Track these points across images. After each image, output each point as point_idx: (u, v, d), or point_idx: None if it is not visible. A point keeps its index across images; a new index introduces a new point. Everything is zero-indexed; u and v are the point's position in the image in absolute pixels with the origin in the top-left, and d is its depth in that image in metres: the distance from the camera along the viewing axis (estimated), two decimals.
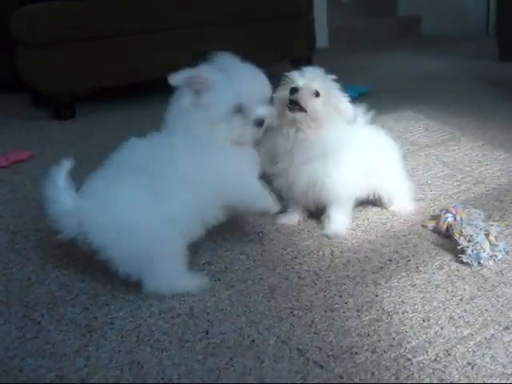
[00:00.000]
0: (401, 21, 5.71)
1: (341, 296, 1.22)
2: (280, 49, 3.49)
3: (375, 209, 1.64)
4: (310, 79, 1.47)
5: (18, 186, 2.04)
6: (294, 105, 1.44)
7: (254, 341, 1.09)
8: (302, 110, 1.44)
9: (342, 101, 1.49)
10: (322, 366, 1.01)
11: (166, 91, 1.34)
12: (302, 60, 3.58)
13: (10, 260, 1.49)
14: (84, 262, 1.41)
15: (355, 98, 2.92)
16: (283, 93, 1.47)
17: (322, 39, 4.72)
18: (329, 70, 1.52)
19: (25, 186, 2.04)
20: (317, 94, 1.45)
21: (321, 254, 1.41)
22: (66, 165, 1.25)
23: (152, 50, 3.15)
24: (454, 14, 5.30)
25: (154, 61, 3.15)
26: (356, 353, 1.04)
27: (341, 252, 1.42)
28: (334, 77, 1.51)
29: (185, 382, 0.99)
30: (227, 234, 1.53)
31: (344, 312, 1.17)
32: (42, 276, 1.39)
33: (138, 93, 3.49)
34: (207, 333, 1.13)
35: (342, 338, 1.09)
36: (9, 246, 1.57)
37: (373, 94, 3.06)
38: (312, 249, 1.44)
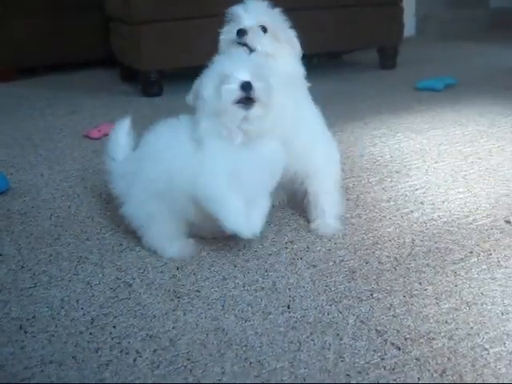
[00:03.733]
0: (493, 12, 5.53)
1: (420, 283, 1.25)
2: (366, 36, 3.47)
3: (458, 201, 1.64)
4: (255, 15, 1.36)
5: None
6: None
7: (333, 318, 1.13)
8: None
9: (291, 34, 1.41)
10: (399, 348, 1.04)
11: None
12: (389, 49, 3.56)
13: (102, 226, 1.58)
14: None
15: (441, 90, 2.91)
16: (230, 35, 1.38)
17: (409, 28, 4.65)
18: (415, 60, 1.52)
19: None
20: (264, 30, 1.36)
21: (401, 241, 1.43)
22: (126, 123, 1.44)
23: None
24: None
25: None
26: (433, 338, 1.06)
27: (421, 241, 1.43)
28: (279, 9, 1.43)
29: (267, 350, 1.05)
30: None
31: (423, 299, 1.19)
32: (133, 243, 1.47)
33: None
34: (289, 307, 1.18)
35: (420, 323, 1.11)
36: (101, 213, 1.66)
37: (460, 86, 3.01)
38: (393, 236, 1.46)
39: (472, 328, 1.09)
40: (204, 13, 3.09)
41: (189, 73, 3.60)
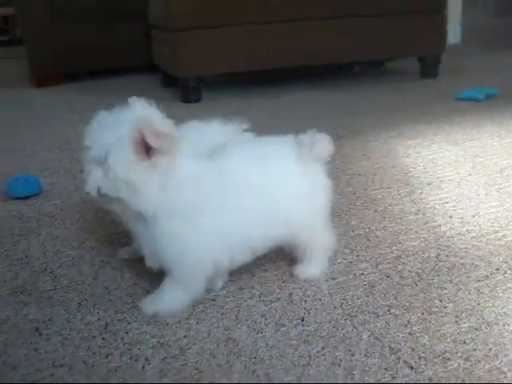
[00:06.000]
0: None
1: (441, 300, 1.21)
2: (408, 45, 3.43)
3: (489, 216, 1.59)
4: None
5: None
6: None
7: (347, 333, 1.11)
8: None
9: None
10: (412, 367, 1.01)
11: (293, 80, 1.37)
12: (430, 58, 3.50)
13: (124, 230, 1.59)
14: None
15: (481, 101, 2.84)
16: None
17: (454, 37, 4.58)
18: (458, 69, 1.47)
19: None
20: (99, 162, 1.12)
21: (426, 255, 1.40)
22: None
23: (279, 39, 3.20)
24: None
25: (281, 50, 3.21)
26: (449, 358, 1.03)
27: (447, 256, 1.39)
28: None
29: (276, 364, 1.03)
30: (334, 228, 1.55)
31: (442, 316, 1.15)
32: None
33: (264, 81, 3.56)
34: (303, 320, 1.16)
35: (437, 342, 1.08)
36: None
37: (501, 97, 2.93)
38: (417, 250, 1.43)
39: (491, 349, 1.05)
40: (242, 20, 3.10)
41: (227, 79, 3.64)
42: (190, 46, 3.08)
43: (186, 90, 3.20)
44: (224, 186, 1.15)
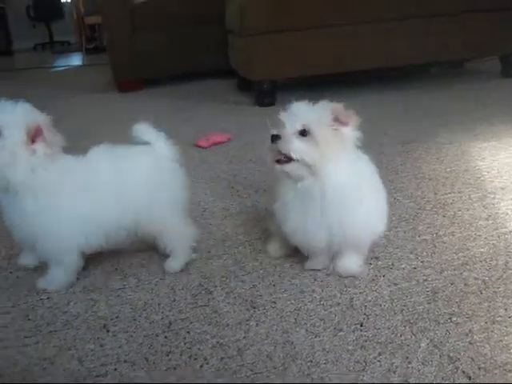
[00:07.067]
0: None
1: (506, 309, 1.17)
2: (487, 44, 3.32)
3: None
4: (293, 117, 1.24)
5: (214, 166, 2.22)
6: (280, 154, 1.25)
7: (405, 340, 1.10)
8: (290, 159, 1.24)
9: (343, 131, 1.23)
10: (469, 377, 0.99)
11: (367, 81, 1.37)
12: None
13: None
14: (262, 244, 1.52)
15: None
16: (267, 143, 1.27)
17: None
18: None
19: (220, 166, 2.21)
20: (303, 133, 1.23)
21: (494, 263, 1.36)
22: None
23: (358, 41, 3.18)
24: None
25: (360, 52, 3.19)
26: (510, 370, 1.00)
27: None
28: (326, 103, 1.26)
29: (331, 368, 1.04)
30: (400, 232, 1.54)
31: (506, 326, 1.12)
32: (221, 251, 1.51)
33: (337, 82, 3.55)
34: (361, 325, 1.16)
35: (498, 352, 1.05)
36: (197, 219, 1.72)
37: None
38: (485, 256, 1.39)
39: None
40: (316, 23, 3.11)
41: (301, 83, 3.65)
42: (265, 49, 3.11)
43: (261, 94, 3.23)
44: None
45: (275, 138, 1.24)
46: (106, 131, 2.92)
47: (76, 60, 7.37)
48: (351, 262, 1.35)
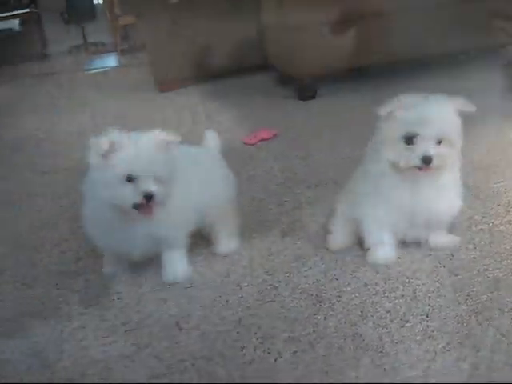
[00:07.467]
0: None
1: None
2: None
3: None
4: (429, 124, 1.27)
5: (262, 163, 2.25)
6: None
7: (472, 330, 1.13)
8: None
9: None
10: None
11: (402, 72, 1.38)
12: None
13: (253, 230, 1.68)
14: (320, 239, 1.55)
15: None
16: (409, 154, 1.30)
17: None
18: None
19: (267, 163, 2.24)
20: (439, 142, 1.29)
21: None
22: None
23: (397, 31, 3.17)
24: None
25: (398, 42, 3.18)
26: None
27: None
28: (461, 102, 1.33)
29: (401, 358, 1.08)
30: (457, 223, 1.55)
31: None
32: (281, 247, 1.55)
33: (373, 75, 3.54)
34: (427, 316, 1.19)
35: None
36: (253, 217, 1.76)
37: None
38: None
39: None
40: (355, 16, 3.11)
41: (341, 76, 3.65)
42: (303, 44, 3.12)
43: (302, 88, 3.26)
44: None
45: (427, 161, 1.28)
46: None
47: (111, 61, 7.46)
48: (443, 236, 1.46)
